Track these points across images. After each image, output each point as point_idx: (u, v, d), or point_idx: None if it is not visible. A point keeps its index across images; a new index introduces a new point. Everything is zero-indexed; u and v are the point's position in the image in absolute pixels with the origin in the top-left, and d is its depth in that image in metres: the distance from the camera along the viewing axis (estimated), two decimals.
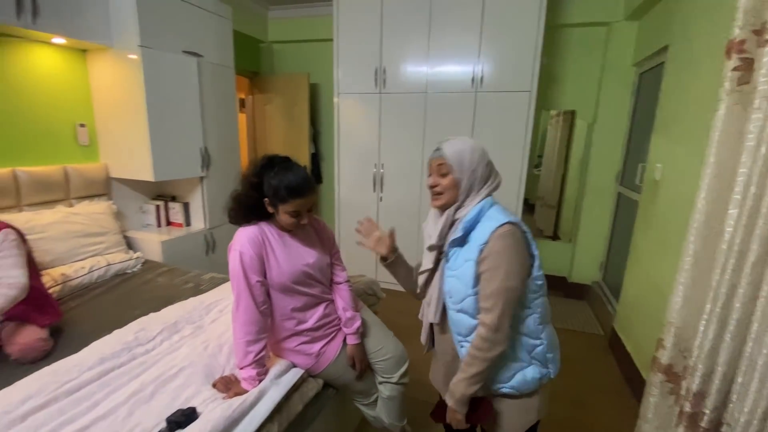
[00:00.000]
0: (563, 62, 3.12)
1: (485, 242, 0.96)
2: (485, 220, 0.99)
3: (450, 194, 1.02)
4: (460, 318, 1.03)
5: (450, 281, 1.04)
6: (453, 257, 1.03)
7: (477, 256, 0.96)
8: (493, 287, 0.95)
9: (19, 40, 2.04)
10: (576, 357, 2.46)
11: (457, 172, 1.00)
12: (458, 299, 1.02)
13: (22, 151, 2.10)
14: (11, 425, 0.99)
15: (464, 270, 0.99)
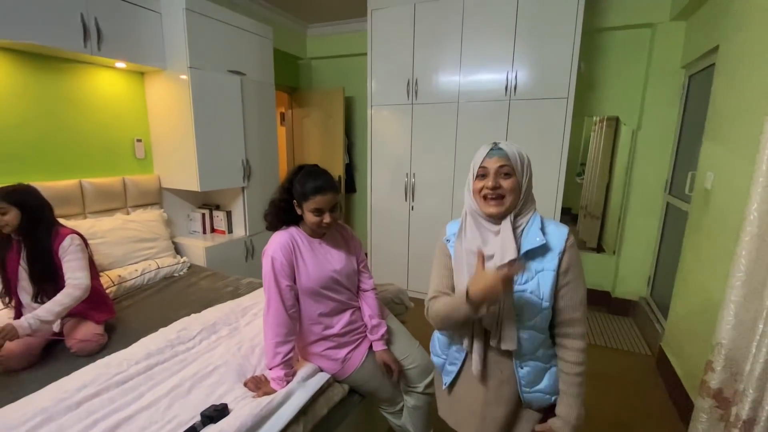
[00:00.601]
0: (604, 67, 3.00)
1: (563, 250, 0.93)
2: (550, 227, 0.96)
3: (513, 198, 0.94)
4: (532, 336, 0.95)
5: (519, 298, 0.93)
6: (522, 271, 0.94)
7: (556, 266, 0.92)
8: (579, 297, 0.94)
9: (85, 65, 2.29)
10: (620, 377, 2.32)
11: (519, 174, 0.94)
12: (530, 316, 0.93)
13: (87, 165, 2.34)
14: (67, 410, 1.10)
15: (539, 283, 0.92)
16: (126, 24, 2.23)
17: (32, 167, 2.10)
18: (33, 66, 2.06)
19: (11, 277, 1.58)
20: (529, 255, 0.93)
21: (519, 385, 0.99)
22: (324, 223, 1.30)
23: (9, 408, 1.12)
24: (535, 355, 0.97)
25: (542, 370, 0.99)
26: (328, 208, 1.28)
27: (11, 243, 1.58)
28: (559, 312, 0.95)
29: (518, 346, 0.95)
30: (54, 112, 2.17)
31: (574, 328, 0.94)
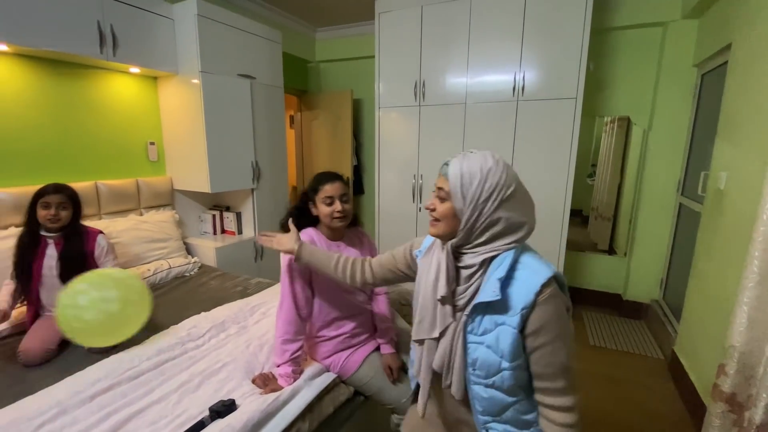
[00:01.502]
0: (613, 66, 2.97)
1: (529, 306, 0.74)
2: (522, 272, 0.77)
3: (445, 225, 0.82)
4: (491, 395, 0.82)
5: (475, 350, 0.81)
6: (476, 319, 0.80)
7: (518, 324, 0.75)
8: (559, 362, 0.76)
9: (101, 71, 2.36)
10: (631, 381, 2.28)
11: (458, 201, 0.78)
12: (488, 373, 0.80)
13: (102, 167, 2.41)
14: (82, 404, 1.14)
15: (497, 337, 0.78)
16: (140, 30, 2.29)
17: (50, 169, 2.17)
18: (51, 72, 2.13)
19: (35, 275, 1.60)
20: (486, 307, 0.79)
21: None
22: (336, 213, 1.31)
23: (26, 400, 1.16)
24: (501, 417, 0.84)
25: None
26: (337, 196, 1.31)
27: (39, 241, 1.61)
28: (536, 378, 0.79)
29: (475, 403, 0.85)
30: (71, 115, 2.24)
31: (555, 399, 0.78)
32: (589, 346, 2.67)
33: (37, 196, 1.60)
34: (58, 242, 1.62)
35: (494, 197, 0.76)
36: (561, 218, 2.72)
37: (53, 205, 1.58)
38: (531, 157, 2.73)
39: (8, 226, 1.96)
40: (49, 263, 1.60)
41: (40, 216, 1.58)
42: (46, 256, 1.60)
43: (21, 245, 1.60)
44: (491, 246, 0.78)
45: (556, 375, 0.77)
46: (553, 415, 0.78)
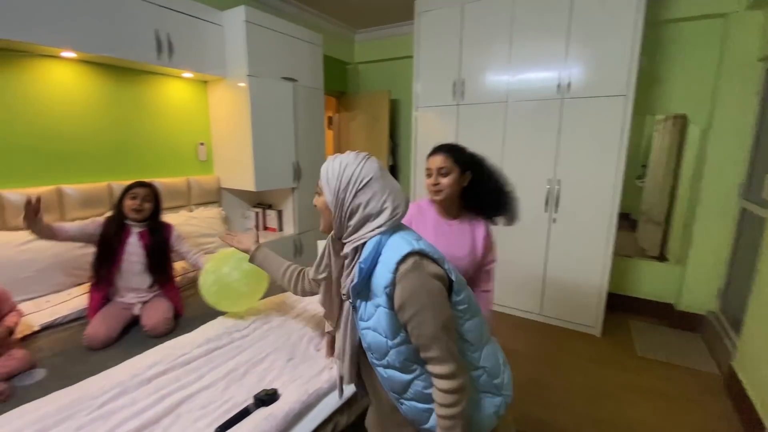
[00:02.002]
0: (668, 61, 2.80)
1: (390, 284, 0.79)
2: (385, 254, 0.83)
3: (324, 218, 0.91)
4: (390, 375, 0.87)
5: (366, 334, 0.87)
6: (361, 306, 0.87)
7: (387, 303, 0.81)
8: (428, 332, 0.80)
9: (157, 76, 2.53)
10: (683, 397, 2.14)
11: (326, 194, 0.87)
12: (380, 354, 0.86)
13: (158, 166, 2.59)
14: (140, 385, 1.23)
15: (378, 319, 0.83)
16: (193, 37, 2.44)
17: (114, 168, 2.36)
18: (113, 77, 2.31)
19: (116, 259, 1.75)
20: (361, 291, 0.86)
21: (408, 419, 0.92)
22: (433, 186, 1.29)
23: (90, 380, 1.27)
24: (406, 394, 0.88)
25: (424, 411, 0.88)
26: (435, 169, 1.29)
27: (124, 228, 1.78)
28: (417, 349, 0.83)
29: (383, 383, 0.90)
30: (130, 118, 2.42)
31: (434, 367, 0.82)
32: (636, 356, 2.53)
33: (126, 190, 1.82)
34: (143, 233, 1.81)
35: (350, 187, 0.85)
36: (608, 222, 2.60)
37: (139, 197, 1.79)
38: (576, 157, 2.63)
39: (74, 219, 2.15)
40: (130, 249, 1.77)
41: (126, 206, 1.78)
42: (128, 243, 1.77)
43: (107, 229, 1.78)
44: (359, 234, 0.86)
45: (429, 345, 0.81)
46: (436, 382, 0.83)
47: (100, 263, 1.76)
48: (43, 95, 2.05)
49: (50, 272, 1.92)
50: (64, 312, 1.79)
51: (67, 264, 1.97)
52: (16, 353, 1.44)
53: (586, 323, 2.79)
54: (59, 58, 2.07)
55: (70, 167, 2.18)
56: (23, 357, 1.43)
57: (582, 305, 2.78)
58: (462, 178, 1.30)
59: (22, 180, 2.01)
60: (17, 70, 1.94)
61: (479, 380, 0.92)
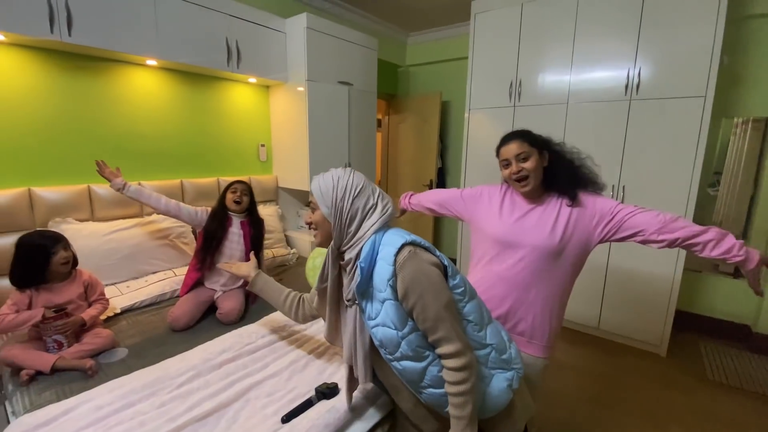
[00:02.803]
0: (751, 60, 2.55)
1: (392, 275, 0.86)
2: (383, 250, 0.89)
3: (322, 232, 0.97)
4: (405, 367, 0.91)
5: (377, 332, 0.91)
6: (367, 306, 0.92)
7: (392, 295, 0.86)
8: (432, 314, 0.85)
9: (224, 81, 2.70)
10: (759, 428, 1.93)
11: (324, 206, 0.94)
12: (393, 348, 0.90)
13: (223, 166, 2.76)
14: (212, 369, 1.32)
15: (386, 313, 0.88)
16: (258, 44, 2.57)
17: (186, 166, 2.55)
18: (186, 82, 2.50)
19: (220, 245, 1.96)
20: (365, 291, 0.91)
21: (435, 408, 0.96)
22: (513, 175, 1.23)
23: (168, 362, 1.38)
24: (424, 383, 0.92)
25: (443, 395, 0.91)
26: (513, 157, 1.22)
27: (228, 220, 2.00)
28: (425, 334, 0.89)
29: (402, 378, 0.94)
30: (201, 121, 2.60)
31: (441, 348, 0.87)
32: (706, 380, 2.32)
33: (227, 186, 2.07)
34: (244, 222, 2.04)
35: (347, 195, 0.93)
36: None
37: (239, 190, 2.04)
38: (644, 162, 2.47)
39: (152, 213, 2.35)
40: (232, 238, 1.98)
41: (228, 199, 2.03)
42: (231, 232, 1.99)
43: (212, 219, 2.00)
44: (358, 236, 0.92)
45: (435, 326, 0.86)
46: (446, 362, 0.88)
47: (206, 248, 1.95)
48: (129, 99, 2.25)
49: (130, 261, 2.11)
50: (142, 297, 1.96)
51: (145, 254, 2.16)
52: (102, 332, 1.59)
53: (649, 341, 2.61)
54: (143, 65, 2.27)
55: (149, 165, 2.38)
56: (108, 336, 1.58)
57: (646, 321, 2.59)
58: (542, 159, 1.23)
59: None
60: (108, 77, 2.16)
61: (489, 357, 0.96)
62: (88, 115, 2.11)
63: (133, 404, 1.14)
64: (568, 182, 1.23)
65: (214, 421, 1.09)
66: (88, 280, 1.65)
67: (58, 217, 1.99)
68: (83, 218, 2.09)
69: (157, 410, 1.11)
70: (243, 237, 2.00)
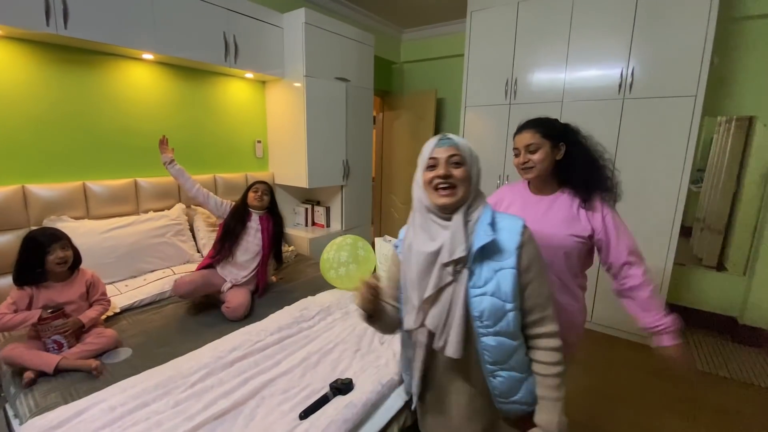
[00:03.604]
0: (739, 61, 2.64)
1: (519, 245, 0.86)
2: (501, 221, 0.90)
3: (464, 188, 0.89)
4: (499, 343, 0.86)
5: (480, 301, 0.86)
6: (476, 271, 0.87)
7: (515, 264, 0.85)
8: (546, 292, 0.88)
9: (221, 76, 2.66)
10: (748, 416, 2.02)
11: (468, 164, 0.90)
12: (495, 320, 0.85)
13: (220, 162, 2.72)
14: (224, 367, 1.32)
15: (500, 283, 0.85)
16: (255, 39, 2.54)
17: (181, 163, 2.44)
18: (183, 78, 2.45)
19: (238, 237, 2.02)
20: (484, 253, 0.86)
21: (493, 396, 0.92)
22: (522, 165, 1.21)
23: (179, 360, 1.38)
24: (507, 364, 0.89)
25: (518, 381, 0.90)
26: (522, 147, 1.21)
27: (248, 214, 2.08)
28: (529, 312, 0.88)
29: (485, 354, 0.88)
30: (197, 117, 2.56)
31: (545, 327, 0.88)
32: (696, 371, 2.42)
33: (250, 186, 2.15)
34: (263, 218, 2.11)
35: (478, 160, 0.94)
36: (669, 231, 2.50)
37: (260, 190, 2.12)
38: (637, 161, 2.54)
39: (148, 210, 2.31)
40: (250, 232, 2.05)
41: (249, 198, 2.11)
42: (249, 227, 2.06)
43: (234, 213, 2.09)
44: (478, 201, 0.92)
45: (546, 304, 0.89)
46: (547, 342, 0.89)
47: (225, 239, 2.02)
48: (124, 94, 2.20)
49: (128, 259, 2.07)
50: (141, 296, 1.93)
51: (143, 252, 2.12)
52: (105, 332, 1.56)
53: (640, 333, 2.69)
54: (139, 59, 2.22)
55: (144, 162, 2.33)
56: (111, 335, 1.55)
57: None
58: (555, 152, 1.20)
59: (104, 173, 2.17)
60: (103, 72, 2.11)
61: None
62: (84, 110, 2.06)
63: (147, 404, 1.13)
64: (583, 181, 1.18)
65: (231, 419, 1.09)
66: (91, 279, 1.62)
67: (53, 215, 1.94)
68: (78, 216, 2.04)
69: (172, 410, 1.11)
70: (261, 231, 2.07)
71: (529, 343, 0.92)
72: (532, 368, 0.91)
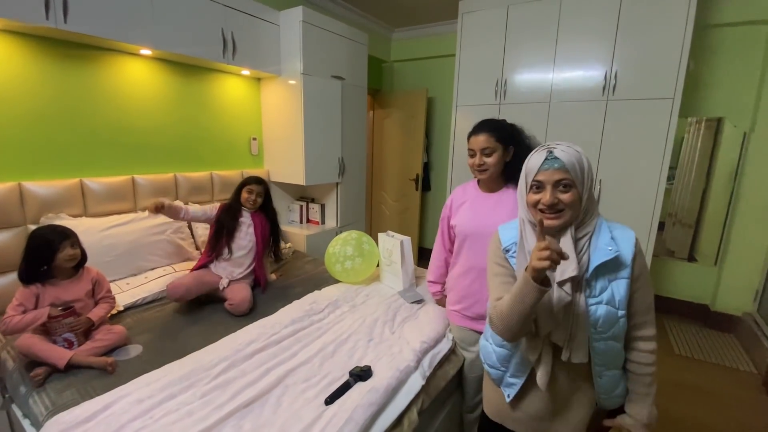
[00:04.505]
0: (711, 65, 2.84)
1: (634, 256, 0.90)
2: (615, 232, 0.92)
3: (573, 212, 0.89)
4: (610, 347, 0.92)
5: (596, 310, 0.89)
6: (593, 283, 0.90)
7: (630, 273, 0.89)
8: (650, 299, 0.93)
9: (217, 73, 2.65)
10: (722, 393, 2.21)
11: (579, 185, 0.88)
12: (607, 327, 0.90)
13: (216, 159, 2.71)
14: (245, 359, 1.34)
15: (614, 292, 0.89)
16: (252, 36, 2.54)
17: (179, 160, 2.49)
18: (180, 74, 2.43)
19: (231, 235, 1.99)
20: (600, 265, 0.88)
21: (597, 393, 0.98)
22: (476, 166, 1.33)
23: (198, 353, 1.39)
24: (613, 364, 0.95)
25: (620, 378, 0.97)
26: (479, 150, 1.31)
27: (239, 215, 2.03)
28: (632, 316, 0.93)
29: (596, 357, 0.93)
30: (193, 113, 2.54)
31: (646, 331, 0.93)
32: (674, 354, 2.60)
33: (244, 183, 2.08)
34: (255, 214, 2.08)
35: (592, 177, 0.91)
36: (648, 226, 2.65)
37: (254, 192, 2.05)
38: (619, 159, 2.69)
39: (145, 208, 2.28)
40: (241, 228, 2.03)
41: (243, 197, 2.05)
42: (241, 222, 2.04)
43: (224, 211, 2.04)
44: (591, 214, 0.93)
45: (649, 309, 0.93)
46: (647, 345, 0.94)
47: (217, 238, 2.01)
48: (121, 90, 2.17)
49: (129, 257, 2.05)
50: (143, 294, 1.92)
51: (143, 250, 2.11)
52: (114, 328, 1.56)
53: None
54: (136, 55, 2.19)
55: (141, 159, 2.30)
56: (120, 332, 1.55)
57: None
58: (506, 154, 1.33)
59: (101, 170, 2.14)
60: (100, 67, 2.07)
61: None
62: (80, 106, 2.02)
63: (174, 396, 1.15)
64: None
65: (259, 407, 1.13)
66: (96, 277, 1.61)
67: (51, 213, 1.90)
68: (76, 213, 2.00)
69: (200, 400, 1.13)
70: (253, 228, 2.05)
71: (629, 343, 0.96)
72: (628, 366, 0.97)
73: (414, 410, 1.22)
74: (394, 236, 2.03)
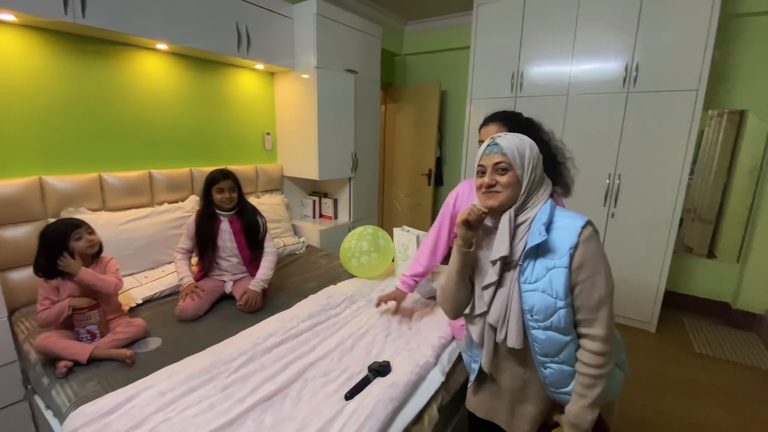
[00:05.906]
0: (736, 56, 2.74)
1: (574, 245, 0.87)
2: (562, 220, 0.91)
3: (509, 192, 0.92)
4: (548, 337, 0.91)
5: (531, 296, 0.90)
6: (528, 268, 0.91)
7: (568, 263, 0.87)
8: (597, 296, 0.87)
9: (232, 68, 2.64)
10: (745, 393, 2.15)
11: (518, 168, 0.92)
12: (545, 316, 0.89)
13: (231, 154, 2.71)
14: (264, 353, 1.35)
15: (550, 281, 0.88)
16: (266, 30, 2.53)
17: (194, 155, 2.50)
18: (195, 69, 2.43)
19: (214, 245, 1.91)
20: (537, 252, 0.90)
21: (544, 385, 0.97)
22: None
23: (218, 347, 1.40)
24: (558, 357, 0.92)
25: (569, 374, 0.93)
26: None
27: (216, 220, 1.91)
28: (577, 311, 0.90)
29: (535, 345, 0.92)
30: (208, 108, 2.54)
31: (593, 329, 0.89)
32: (694, 353, 2.54)
33: (210, 183, 1.89)
34: (233, 220, 1.93)
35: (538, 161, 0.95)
36: (669, 219, 2.59)
37: (226, 189, 1.88)
38: (639, 153, 2.62)
39: (162, 202, 2.30)
40: (223, 236, 1.91)
41: (216, 199, 1.89)
42: (221, 230, 1.91)
43: (201, 222, 1.90)
44: (534, 200, 0.94)
45: (596, 307, 0.88)
46: (590, 344, 0.89)
47: (201, 251, 1.93)
48: (137, 85, 2.18)
49: (147, 251, 2.07)
50: (161, 287, 1.94)
51: (161, 243, 2.12)
52: (134, 321, 1.58)
53: (641, 319, 2.81)
54: (152, 50, 2.19)
55: (158, 153, 2.32)
56: (140, 324, 1.56)
57: (636, 300, 2.79)
58: None
59: (118, 165, 2.15)
60: (117, 62, 2.08)
61: (617, 353, 0.99)
62: (98, 101, 2.03)
63: (195, 389, 1.15)
64: None
65: (279, 400, 1.13)
66: (108, 262, 1.62)
67: (71, 207, 1.92)
68: (95, 208, 2.02)
69: (221, 393, 1.14)
70: (233, 234, 1.92)
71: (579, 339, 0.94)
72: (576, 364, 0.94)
73: (434, 406, 1.21)
74: (410, 231, 2.01)
